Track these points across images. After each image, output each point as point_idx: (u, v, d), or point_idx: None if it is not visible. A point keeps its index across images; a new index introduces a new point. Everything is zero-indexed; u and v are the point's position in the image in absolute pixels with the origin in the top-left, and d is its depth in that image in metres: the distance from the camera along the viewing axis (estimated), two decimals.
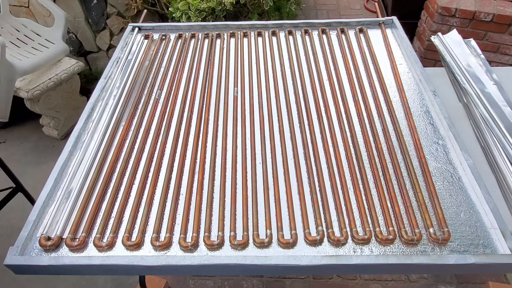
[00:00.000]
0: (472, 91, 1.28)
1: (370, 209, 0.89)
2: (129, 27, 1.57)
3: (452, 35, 1.53)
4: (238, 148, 1.06)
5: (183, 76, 1.34)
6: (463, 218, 0.88)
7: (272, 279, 1.75)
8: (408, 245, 0.83)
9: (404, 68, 1.33)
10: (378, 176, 0.96)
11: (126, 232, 0.86)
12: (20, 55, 2.26)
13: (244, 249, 0.84)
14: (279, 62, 1.38)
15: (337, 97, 1.21)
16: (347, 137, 1.07)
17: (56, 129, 2.50)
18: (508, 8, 2.15)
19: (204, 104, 1.22)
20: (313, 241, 0.84)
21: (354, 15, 3.53)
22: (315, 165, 1.00)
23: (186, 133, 1.12)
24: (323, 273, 1.66)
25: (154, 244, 0.84)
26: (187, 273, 1.34)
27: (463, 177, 0.96)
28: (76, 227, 0.88)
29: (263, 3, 2.38)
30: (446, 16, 2.27)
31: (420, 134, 1.08)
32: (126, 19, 2.75)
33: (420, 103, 1.19)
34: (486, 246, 0.82)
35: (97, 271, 0.84)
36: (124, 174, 1.01)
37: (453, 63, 1.41)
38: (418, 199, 0.91)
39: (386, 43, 1.44)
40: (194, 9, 2.32)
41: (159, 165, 1.03)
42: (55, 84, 2.32)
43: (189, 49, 1.47)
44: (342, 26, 1.53)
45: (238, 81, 1.30)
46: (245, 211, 0.90)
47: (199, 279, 1.76)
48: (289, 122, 1.13)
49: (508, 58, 2.31)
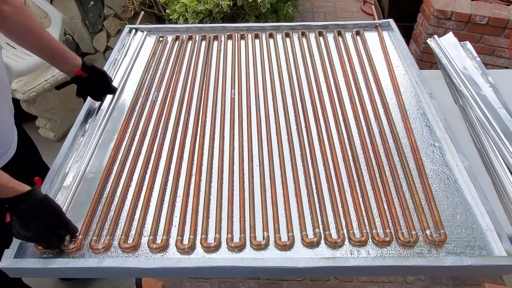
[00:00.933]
0: (468, 93, 1.29)
1: (367, 211, 0.89)
2: (126, 28, 1.57)
3: (448, 38, 1.54)
4: (235, 150, 1.06)
5: (180, 78, 1.34)
6: (459, 220, 0.88)
7: (269, 281, 1.75)
8: (404, 247, 0.83)
9: (401, 71, 1.34)
10: (375, 178, 0.97)
11: (123, 235, 0.86)
12: (16, 57, 2.25)
13: (241, 251, 0.84)
14: (276, 64, 1.38)
15: (334, 99, 1.22)
16: (344, 139, 1.08)
17: (52, 131, 2.48)
18: (503, 11, 2.17)
19: (201, 106, 1.22)
20: (310, 243, 0.84)
21: (351, 18, 3.54)
22: (312, 167, 1.00)
23: (183, 135, 1.11)
24: (320, 275, 1.66)
25: (151, 247, 0.84)
26: (184, 275, 1.34)
27: (459, 179, 0.97)
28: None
29: (260, 6, 2.39)
30: (442, 19, 2.28)
31: (417, 136, 1.08)
32: (123, 21, 2.74)
33: (417, 105, 1.19)
34: (482, 248, 0.82)
35: (93, 274, 0.83)
36: (121, 176, 1.00)
37: (449, 65, 1.42)
38: (414, 201, 0.91)
39: (382, 46, 1.44)
40: (191, 11, 2.32)
41: (156, 167, 1.02)
42: (51, 85, 2.30)
43: (186, 51, 1.47)
44: (339, 28, 1.53)
45: (235, 83, 1.30)
46: (242, 213, 0.90)
47: (196, 282, 1.75)
48: (286, 124, 1.14)
49: (503, 61, 2.33)
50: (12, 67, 2.06)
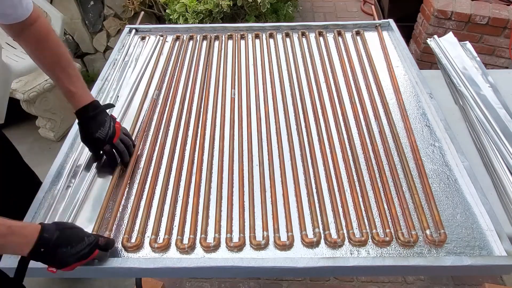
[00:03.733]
0: (468, 93, 1.29)
1: (367, 211, 0.89)
2: (126, 28, 1.57)
3: (448, 38, 1.54)
4: (235, 150, 1.06)
5: (181, 77, 1.34)
6: (459, 220, 0.88)
7: (269, 281, 1.74)
8: (404, 247, 0.83)
9: (401, 71, 1.34)
10: (375, 178, 0.97)
11: (126, 234, 0.86)
12: (16, 57, 2.25)
13: (241, 251, 0.84)
14: (276, 64, 1.38)
15: (334, 99, 1.22)
16: (344, 139, 1.08)
17: (52, 131, 2.48)
18: (503, 11, 2.17)
19: (201, 106, 1.22)
20: (310, 243, 0.84)
21: (351, 18, 3.54)
22: (312, 167, 1.00)
23: (184, 135, 1.12)
24: (320, 275, 1.66)
25: (153, 246, 0.84)
26: (184, 276, 1.34)
27: (459, 179, 0.97)
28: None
29: (260, 6, 2.38)
30: (442, 19, 2.28)
31: (417, 136, 1.08)
32: (123, 21, 2.74)
33: (417, 105, 1.19)
34: (482, 248, 0.82)
35: (93, 274, 0.83)
36: (122, 175, 1.00)
37: (449, 65, 1.42)
38: (414, 201, 0.91)
39: (382, 46, 1.44)
40: (191, 11, 2.32)
41: (158, 167, 1.03)
42: (51, 85, 2.30)
43: (187, 51, 1.47)
44: (339, 28, 1.53)
45: (235, 83, 1.30)
46: (241, 213, 0.90)
47: (195, 281, 1.75)
48: (286, 124, 1.14)
49: (503, 61, 2.33)
50: (12, 67, 2.06)
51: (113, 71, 1.36)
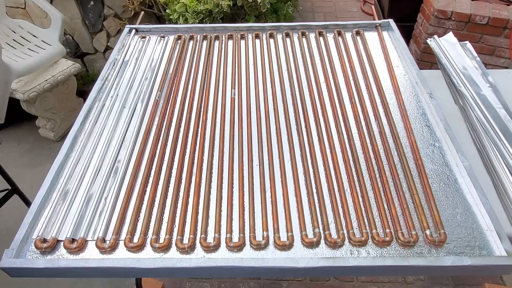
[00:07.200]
0: (468, 93, 1.29)
1: (367, 211, 0.89)
2: (126, 28, 1.57)
3: (448, 38, 1.54)
4: (235, 149, 1.06)
5: (182, 78, 1.34)
6: (459, 220, 0.88)
7: (269, 281, 1.75)
8: (404, 247, 0.83)
9: (401, 71, 1.34)
10: (375, 178, 0.97)
11: (128, 234, 0.86)
12: (17, 57, 2.26)
13: (241, 251, 0.84)
14: (276, 64, 1.38)
15: (334, 99, 1.22)
16: (344, 139, 1.08)
17: (52, 130, 2.48)
18: (503, 12, 2.17)
19: (202, 106, 1.22)
20: (310, 243, 0.84)
21: (351, 18, 3.55)
22: (312, 167, 1.00)
23: (184, 135, 1.12)
24: (320, 275, 1.66)
25: (154, 246, 0.84)
26: (184, 276, 1.34)
27: (459, 179, 0.97)
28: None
29: (260, 6, 2.39)
30: (442, 19, 2.28)
31: (417, 136, 1.08)
32: (123, 21, 2.74)
33: (417, 105, 1.19)
34: (482, 248, 0.82)
35: (93, 274, 0.83)
36: (124, 175, 1.00)
37: (449, 65, 1.42)
38: (414, 201, 0.91)
39: (382, 46, 1.44)
40: (191, 11, 2.32)
41: (159, 167, 1.02)
42: (51, 85, 2.31)
43: (187, 51, 1.47)
44: (339, 28, 1.53)
45: (235, 83, 1.30)
46: (241, 213, 0.90)
47: (196, 281, 1.75)
48: (286, 124, 1.14)
49: (503, 61, 2.33)
50: (12, 67, 2.06)
51: (113, 71, 1.36)
